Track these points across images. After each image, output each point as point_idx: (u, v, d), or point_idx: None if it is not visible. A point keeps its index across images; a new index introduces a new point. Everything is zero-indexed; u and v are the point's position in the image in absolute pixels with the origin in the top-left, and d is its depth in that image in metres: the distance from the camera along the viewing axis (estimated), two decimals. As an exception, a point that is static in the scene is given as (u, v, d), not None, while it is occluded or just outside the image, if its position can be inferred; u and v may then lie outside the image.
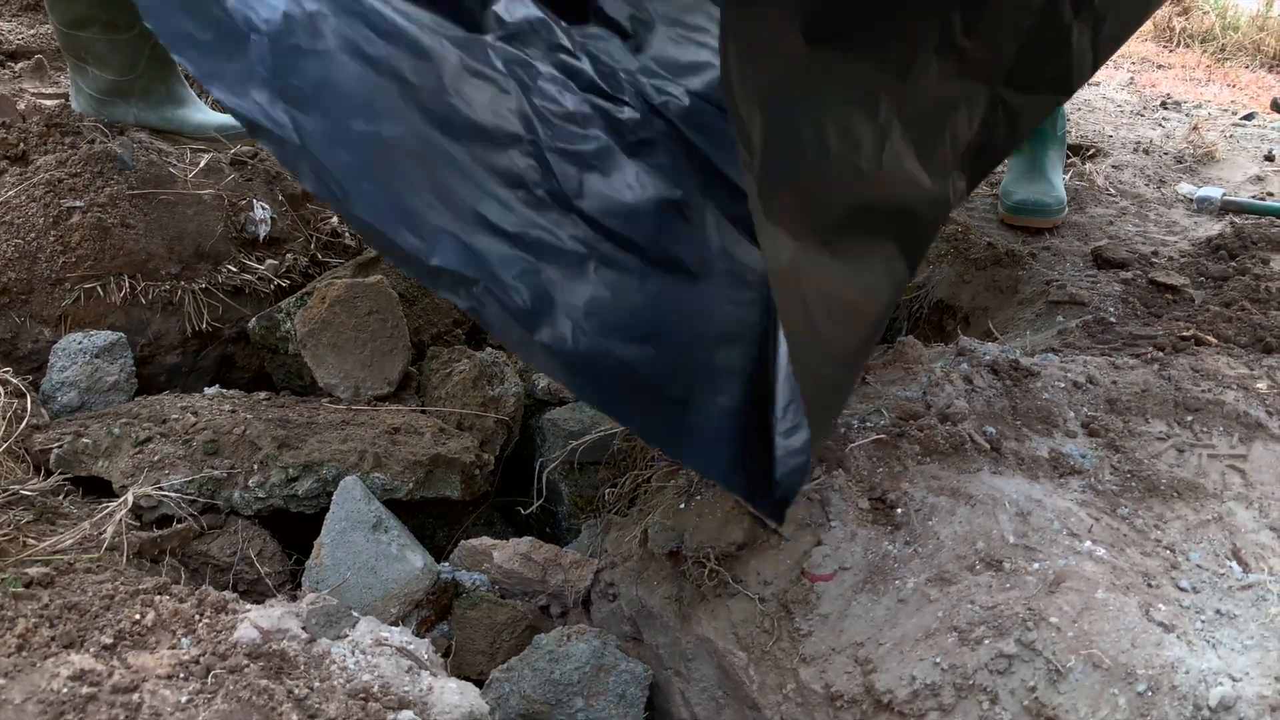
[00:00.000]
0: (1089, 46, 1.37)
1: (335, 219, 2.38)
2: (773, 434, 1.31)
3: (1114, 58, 3.97)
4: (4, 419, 1.47)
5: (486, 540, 1.73)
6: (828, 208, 1.13)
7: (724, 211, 1.49)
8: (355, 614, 1.08)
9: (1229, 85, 3.69)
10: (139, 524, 1.39)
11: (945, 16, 1.16)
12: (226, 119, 2.33)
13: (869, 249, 1.22)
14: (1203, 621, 1.20)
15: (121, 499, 1.26)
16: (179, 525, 1.42)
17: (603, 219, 1.40)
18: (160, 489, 1.41)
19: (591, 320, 1.28)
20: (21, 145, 2.05)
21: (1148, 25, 4.31)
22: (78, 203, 1.93)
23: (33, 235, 1.90)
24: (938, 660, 1.20)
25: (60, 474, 1.46)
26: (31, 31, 2.96)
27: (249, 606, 1.05)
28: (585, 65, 1.63)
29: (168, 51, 2.13)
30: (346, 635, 1.03)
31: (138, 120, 2.22)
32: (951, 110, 1.26)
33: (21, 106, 2.18)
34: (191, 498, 1.49)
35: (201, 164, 2.15)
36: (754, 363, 1.37)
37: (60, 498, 1.28)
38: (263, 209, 2.18)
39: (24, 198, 1.93)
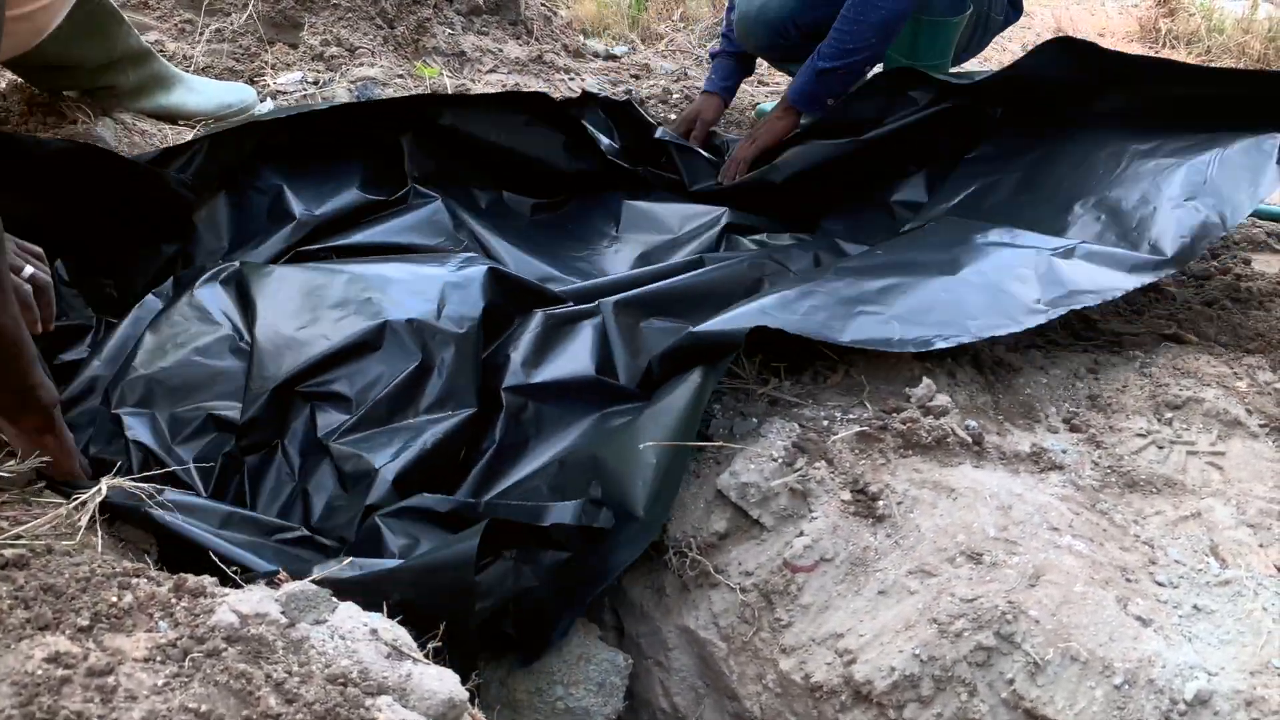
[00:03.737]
0: None
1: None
2: None
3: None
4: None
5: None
6: None
7: None
8: (335, 600, 1.08)
9: (1214, 87, 3.71)
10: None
11: None
12: (225, 98, 2.28)
13: None
14: (1180, 616, 1.21)
15: (96, 486, 1.25)
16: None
17: None
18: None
19: None
20: (3, 125, 2.03)
21: (1134, 25, 4.32)
22: None
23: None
24: (917, 652, 1.20)
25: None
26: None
27: (227, 591, 1.04)
28: None
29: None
30: (326, 620, 1.03)
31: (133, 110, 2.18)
32: None
33: (3, 85, 2.16)
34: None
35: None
36: None
37: (41, 482, 1.28)
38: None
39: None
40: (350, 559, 1.30)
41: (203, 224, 1.96)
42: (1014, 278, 1.62)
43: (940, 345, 1.52)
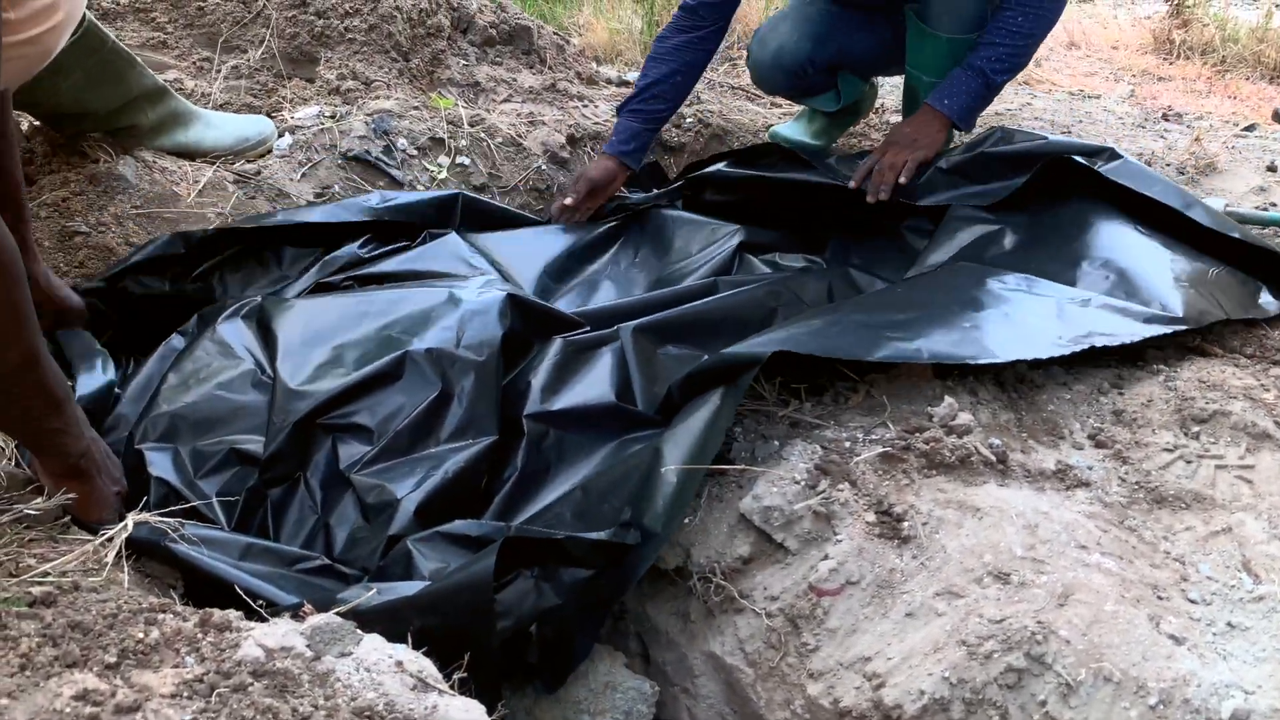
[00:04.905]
0: None
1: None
2: None
3: (1115, 70, 3.97)
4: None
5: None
6: None
7: None
8: (360, 632, 1.08)
9: (1230, 97, 3.68)
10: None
11: None
12: (243, 131, 2.30)
13: None
14: (1214, 634, 1.19)
15: (122, 523, 1.26)
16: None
17: None
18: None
19: None
20: (27, 167, 2.05)
21: (1147, 37, 4.31)
22: (82, 226, 1.94)
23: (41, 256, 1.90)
24: (946, 674, 1.19)
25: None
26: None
27: (253, 625, 1.05)
28: None
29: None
30: (351, 653, 1.03)
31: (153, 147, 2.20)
32: None
33: (26, 128, 2.19)
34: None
35: (203, 182, 2.16)
36: None
37: (65, 517, 1.29)
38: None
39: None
40: (374, 586, 1.30)
41: (229, 271, 1.99)
42: (1035, 317, 1.67)
43: (973, 363, 1.55)
